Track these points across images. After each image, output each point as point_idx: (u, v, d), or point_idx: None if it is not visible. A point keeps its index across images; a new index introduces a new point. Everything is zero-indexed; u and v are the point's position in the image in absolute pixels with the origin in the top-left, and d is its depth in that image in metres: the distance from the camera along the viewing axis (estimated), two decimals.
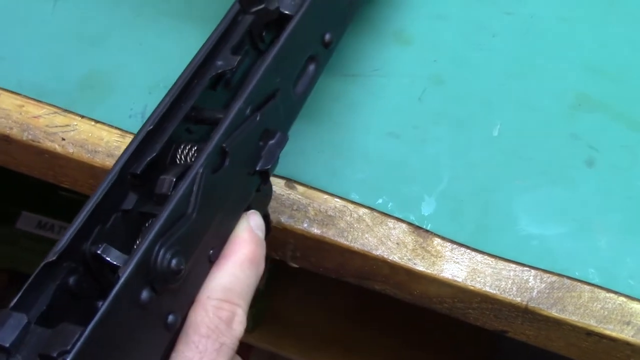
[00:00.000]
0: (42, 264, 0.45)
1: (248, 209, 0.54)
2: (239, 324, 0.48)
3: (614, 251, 0.61)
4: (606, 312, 0.59)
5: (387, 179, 0.63)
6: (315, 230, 0.61)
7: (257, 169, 0.54)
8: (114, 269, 0.46)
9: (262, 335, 1.35)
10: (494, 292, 0.60)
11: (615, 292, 0.60)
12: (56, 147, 0.63)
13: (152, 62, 0.67)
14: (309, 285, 1.35)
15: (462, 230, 0.62)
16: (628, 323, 0.59)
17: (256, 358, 1.63)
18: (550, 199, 0.63)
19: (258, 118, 0.53)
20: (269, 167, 0.54)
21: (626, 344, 0.59)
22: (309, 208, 0.62)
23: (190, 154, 0.52)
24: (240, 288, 0.49)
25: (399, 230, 0.62)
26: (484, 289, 0.60)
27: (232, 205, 0.53)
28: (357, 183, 0.63)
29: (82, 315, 0.45)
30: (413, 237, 0.61)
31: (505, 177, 0.64)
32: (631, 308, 0.60)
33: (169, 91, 0.52)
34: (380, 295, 0.65)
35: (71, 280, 0.46)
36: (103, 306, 0.43)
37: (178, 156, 0.52)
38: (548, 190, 0.63)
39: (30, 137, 0.63)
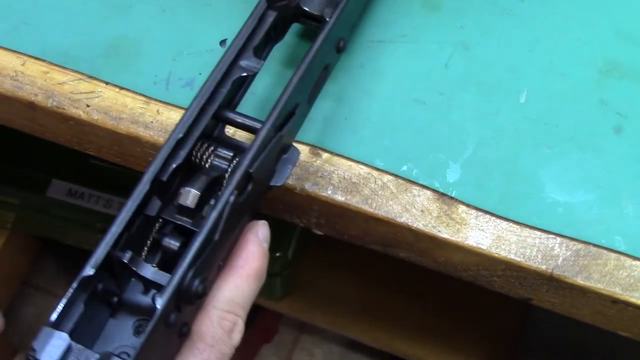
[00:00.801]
0: (79, 279, 0.47)
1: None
2: (238, 333, 0.52)
3: None
4: (632, 280, 0.59)
5: (412, 145, 0.63)
6: (340, 198, 0.61)
7: (270, 184, 0.56)
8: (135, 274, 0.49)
9: (292, 304, 1.35)
10: (519, 259, 0.60)
11: None
12: (81, 113, 0.63)
13: (175, 29, 0.66)
14: (339, 253, 1.35)
15: (487, 198, 0.61)
16: None
17: (286, 326, 1.64)
18: (577, 166, 0.62)
19: (281, 137, 0.55)
20: (281, 184, 0.56)
21: None
22: (334, 175, 0.62)
23: (205, 154, 0.54)
24: (244, 300, 0.52)
25: (424, 198, 0.61)
26: (508, 257, 0.60)
27: (245, 217, 0.55)
28: (381, 150, 0.62)
29: (102, 316, 0.50)
30: (438, 205, 0.61)
31: (532, 144, 0.63)
32: None
33: (197, 96, 0.54)
34: (410, 263, 0.65)
35: (99, 287, 0.49)
36: (140, 343, 0.45)
37: (194, 154, 0.53)
38: (575, 157, 0.62)
39: (55, 103, 0.64)
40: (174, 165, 0.52)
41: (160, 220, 0.52)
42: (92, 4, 0.67)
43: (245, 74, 0.57)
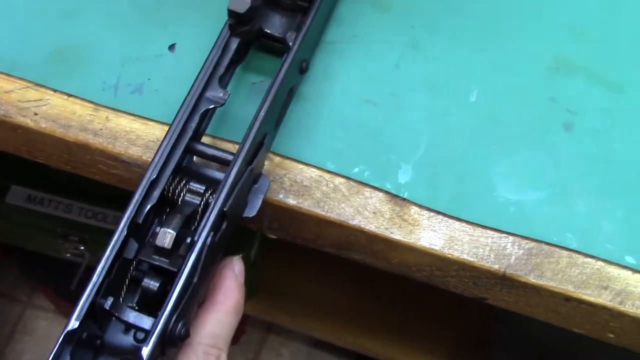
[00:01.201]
0: (63, 333, 0.48)
1: None
2: None
3: (592, 216, 0.61)
4: (584, 277, 0.59)
5: (363, 147, 0.62)
6: (291, 201, 0.61)
7: (244, 216, 0.57)
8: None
9: (256, 305, 1.35)
10: (472, 259, 0.60)
11: (593, 257, 0.60)
12: (29, 122, 0.63)
13: (123, 34, 0.66)
14: (303, 254, 1.35)
15: (440, 198, 0.61)
16: (606, 288, 0.59)
17: (253, 327, 1.64)
18: (527, 164, 0.62)
19: (252, 170, 0.55)
20: (254, 215, 0.57)
21: (604, 309, 0.59)
22: (285, 179, 0.61)
23: (178, 189, 0.55)
24: (225, 333, 0.54)
25: (376, 199, 0.61)
26: (461, 257, 0.60)
27: (221, 252, 0.56)
28: (333, 152, 0.62)
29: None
30: (390, 206, 0.61)
31: (483, 143, 0.63)
32: (609, 272, 0.59)
33: (167, 134, 0.55)
34: None
35: (84, 335, 0.50)
36: None
37: (166, 190, 0.54)
38: (525, 155, 0.63)
39: (2, 112, 0.63)
40: (148, 206, 0.53)
41: (137, 261, 0.53)
42: (38, 10, 0.67)
43: (212, 106, 0.57)
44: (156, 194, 0.53)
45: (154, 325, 0.49)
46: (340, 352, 1.55)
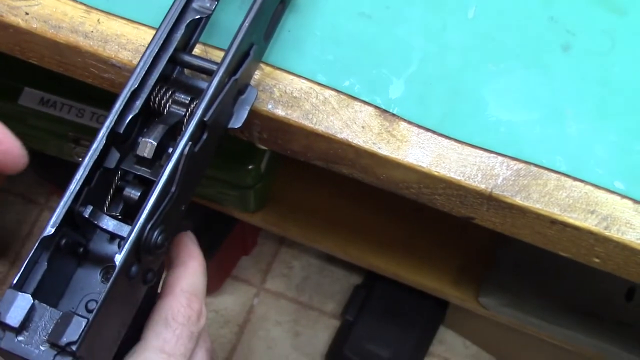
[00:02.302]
0: (39, 239, 0.48)
1: None
2: (203, 318, 0.57)
3: (584, 139, 0.60)
4: (571, 201, 0.58)
5: (355, 60, 0.62)
6: (280, 112, 0.60)
7: (229, 127, 0.56)
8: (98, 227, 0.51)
9: (266, 217, 1.35)
10: (459, 178, 0.59)
11: (582, 181, 0.59)
12: (19, 21, 0.62)
13: None
14: (314, 168, 1.35)
15: (430, 115, 0.60)
16: (592, 212, 0.58)
17: (266, 239, 1.65)
18: (522, 84, 0.61)
19: (235, 81, 0.54)
20: (240, 126, 0.56)
21: (589, 233, 0.58)
22: (275, 89, 0.61)
23: (163, 100, 0.54)
24: (201, 289, 0.58)
25: (365, 114, 0.60)
26: (448, 175, 0.59)
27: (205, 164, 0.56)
28: (324, 64, 0.61)
29: (68, 270, 0.52)
30: (379, 121, 0.60)
31: (478, 61, 0.62)
32: (597, 197, 0.58)
33: (148, 48, 0.54)
34: None
35: (62, 242, 0.50)
36: (101, 299, 0.47)
37: (152, 100, 0.54)
38: (521, 75, 0.61)
39: None
40: (130, 116, 0.52)
41: (121, 171, 0.53)
42: None
43: (199, 17, 0.56)
44: (138, 103, 0.53)
45: (129, 233, 0.49)
46: (350, 267, 1.56)
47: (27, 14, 0.62)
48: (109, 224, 0.51)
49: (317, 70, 0.61)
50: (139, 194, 0.52)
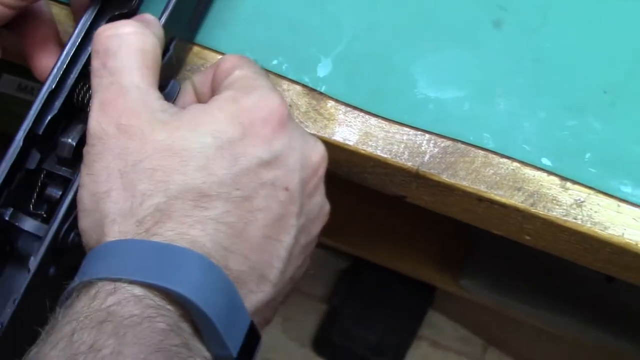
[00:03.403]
0: None
1: None
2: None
3: (513, 116, 0.59)
4: (498, 178, 0.58)
5: (284, 39, 0.61)
6: None
7: None
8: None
9: None
10: (386, 156, 0.59)
11: (509, 158, 0.58)
12: None
13: None
14: None
15: (358, 93, 0.60)
16: (519, 189, 0.58)
17: None
18: (452, 61, 0.61)
19: None
20: None
21: (516, 210, 0.58)
22: (202, 68, 0.60)
23: (87, 97, 0.53)
24: None
25: (293, 92, 0.60)
26: (375, 153, 0.59)
27: None
28: (252, 43, 0.61)
29: None
30: (306, 100, 0.60)
31: (408, 39, 0.61)
32: (524, 174, 0.58)
33: (65, 46, 0.53)
34: None
35: None
36: (15, 304, 0.47)
37: (75, 97, 0.53)
38: (451, 52, 0.61)
39: None
40: (49, 117, 0.52)
41: (43, 171, 0.53)
42: None
43: (117, 12, 0.55)
44: (57, 103, 0.52)
45: (45, 234, 0.49)
46: (338, 252, 1.56)
47: None
48: (29, 225, 0.51)
49: (245, 49, 0.61)
50: (60, 193, 0.52)
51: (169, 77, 0.56)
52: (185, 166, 0.46)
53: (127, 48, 0.49)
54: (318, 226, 0.53)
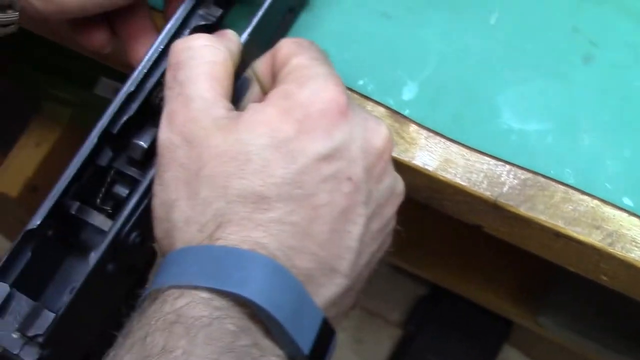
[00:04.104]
0: (23, 232, 0.50)
1: None
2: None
3: (596, 153, 0.58)
4: (577, 214, 0.57)
5: (372, 60, 0.62)
6: None
7: None
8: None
9: None
10: (464, 184, 0.59)
11: (590, 195, 0.58)
12: None
13: None
14: None
15: (441, 119, 0.60)
16: (598, 227, 0.57)
17: None
18: (538, 93, 0.60)
19: None
20: None
21: (593, 249, 0.57)
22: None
23: (162, 101, 0.53)
24: None
25: (376, 114, 0.60)
26: (454, 180, 0.59)
27: None
28: (341, 62, 0.61)
29: (56, 260, 0.54)
30: (389, 122, 0.60)
31: (495, 68, 0.61)
32: (603, 212, 0.57)
33: (148, 50, 0.54)
34: None
35: (49, 233, 0.52)
36: (72, 294, 0.49)
37: (152, 101, 0.54)
38: (538, 84, 0.60)
39: None
40: (125, 118, 0.53)
41: (114, 169, 0.54)
42: None
43: (203, 23, 0.56)
44: (134, 106, 0.53)
45: (109, 230, 0.51)
46: (417, 278, 1.55)
47: None
48: (95, 219, 0.53)
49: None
50: (127, 192, 0.53)
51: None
52: (243, 170, 0.46)
53: (196, 60, 0.49)
54: (392, 207, 0.51)
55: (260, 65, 0.54)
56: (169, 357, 0.41)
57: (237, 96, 0.53)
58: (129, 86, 0.53)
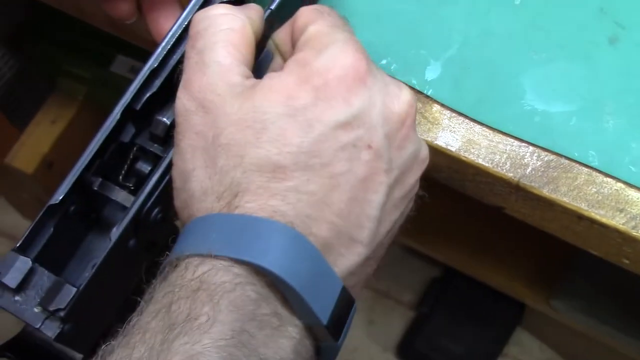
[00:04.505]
0: (45, 207, 0.50)
1: None
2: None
3: (621, 135, 0.58)
4: (600, 197, 0.57)
5: (395, 40, 0.61)
6: None
7: None
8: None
9: None
10: (487, 165, 0.58)
11: (614, 178, 0.57)
12: None
13: None
14: None
15: (465, 99, 0.60)
16: (621, 210, 0.56)
17: None
18: (562, 74, 0.60)
19: None
20: None
21: (616, 231, 0.57)
22: None
23: None
24: None
25: None
26: (477, 161, 0.59)
27: None
28: (364, 42, 0.60)
29: (77, 236, 0.54)
30: None
31: (519, 48, 0.60)
32: (627, 195, 0.57)
33: (172, 27, 0.54)
34: None
35: (72, 209, 0.52)
36: (92, 272, 0.49)
37: (175, 78, 0.54)
38: (562, 65, 0.60)
39: None
40: (148, 94, 0.53)
41: (136, 146, 0.54)
42: None
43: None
44: (157, 82, 0.53)
45: (131, 205, 0.51)
46: (430, 260, 1.55)
47: None
48: (117, 194, 0.53)
49: None
50: (149, 168, 0.53)
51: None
52: (259, 138, 0.45)
53: (214, 28, 0.49)
54: (415, 174, 0.51)
55: (281, 35, 0.53)
56: (194, 324, 0.41)
57: (261, 69, 0.53)
58: (152, 62, 0.53)
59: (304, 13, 0.51)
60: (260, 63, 0.53)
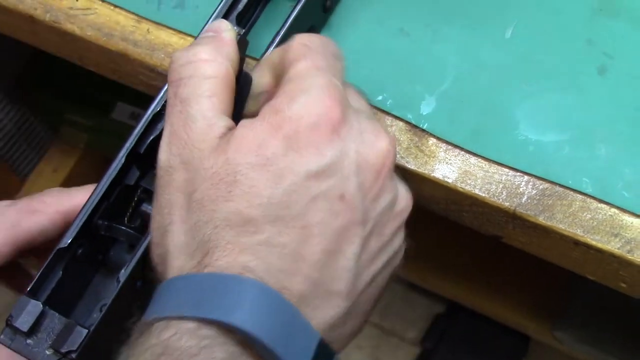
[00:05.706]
0: (54, 251, 0.52)
1: None
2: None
3: (613, 162, 0.59)
4: (595, 223, 0.58)
5: (390, 76, 0.63)
6: None
7: None
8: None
9: None
10: (483, 195, 0.60)
11: (608, 203, 0.58)
12: (75, 29, 0.66)
13: None
14: None
15: (459, 132, 0.61)
16: (616, 235, 0.58)
17: None
18: (554, 105, 0.61)
19: None
20: None
21: (612, 256, 0.58)
22: None
23: None
24: None
25: (396, 128, 0.62)
26: (473, 192, 0.60)
27: None
28: (360, 78, 0.62)
29: (85, 277, 0.56)
30: (408, 136, 0.61)
31: (511, 80, 0.62)
32: (622, 220, 0.58)
33: None
34: None
35: (79, 252, 0.54)
36: (103, 311, 0.51)
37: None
38: (554, 96, 0.61)
39: (52, 18, 0.66)
40: (151, 137, 0.54)
41: (141, 188, 0.55)
42: None
43: None
44: (160, 126, 0.54)
45: (137, 248, 0.52)
46: (433, 296, 1.55)
47: (83, 22, 0.66)
48: (123, 236, 0.55)
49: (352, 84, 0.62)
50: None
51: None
52: (230, 192, 0.44)
53: (198, 77, 0.48)
54: (393, 225, 0.49)
55: (272, 58, 0.52)
56: None
57: (242, 92, 0.53)
58: (154, 106, 0.55)
59: (294, 47, 0.49)
60: (241, 87, 0.53)
